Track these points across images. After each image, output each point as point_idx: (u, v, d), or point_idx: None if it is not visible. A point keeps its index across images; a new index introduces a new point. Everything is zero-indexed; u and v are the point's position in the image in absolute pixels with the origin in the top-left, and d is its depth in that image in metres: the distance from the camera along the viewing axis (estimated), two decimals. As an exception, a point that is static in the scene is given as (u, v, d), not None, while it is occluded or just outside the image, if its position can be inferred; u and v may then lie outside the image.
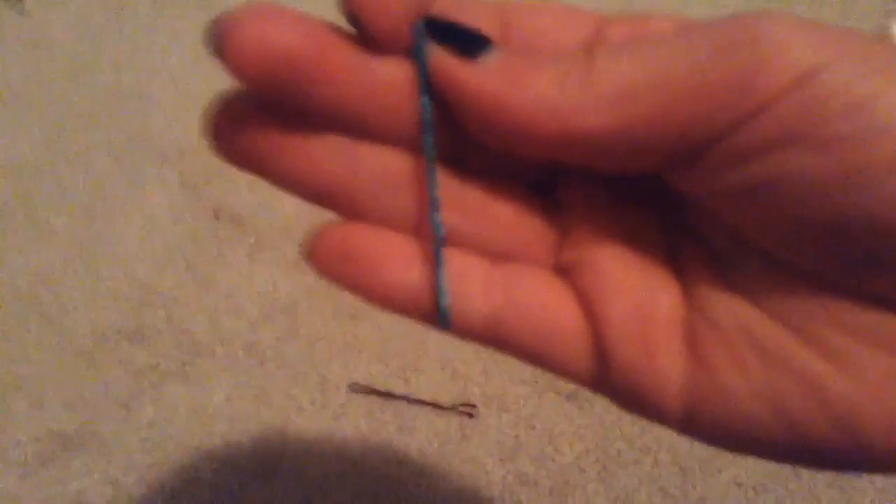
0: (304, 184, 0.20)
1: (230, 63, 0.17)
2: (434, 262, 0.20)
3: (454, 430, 0.57)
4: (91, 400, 0.59)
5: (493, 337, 0.21)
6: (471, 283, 0.20)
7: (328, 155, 0.19)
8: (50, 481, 0.56)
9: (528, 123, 0.18)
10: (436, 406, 0.58)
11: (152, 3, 0.88)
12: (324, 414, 0.58)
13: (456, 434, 0.57)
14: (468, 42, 0.18)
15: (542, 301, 0.20)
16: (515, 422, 0.57)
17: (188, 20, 0.85)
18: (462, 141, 0.20)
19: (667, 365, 0.19)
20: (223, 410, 0.59)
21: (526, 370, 0.59)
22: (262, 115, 0.19)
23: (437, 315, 0.20)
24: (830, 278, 0.17)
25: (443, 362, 0.60)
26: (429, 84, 0.19)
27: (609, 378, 0.20)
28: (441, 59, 0.18)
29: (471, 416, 0.58)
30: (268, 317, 0.63)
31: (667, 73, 0.17)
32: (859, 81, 0.15)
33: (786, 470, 0.54)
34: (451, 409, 0.58)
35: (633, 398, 0.20)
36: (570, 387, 0.58)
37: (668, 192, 0.20)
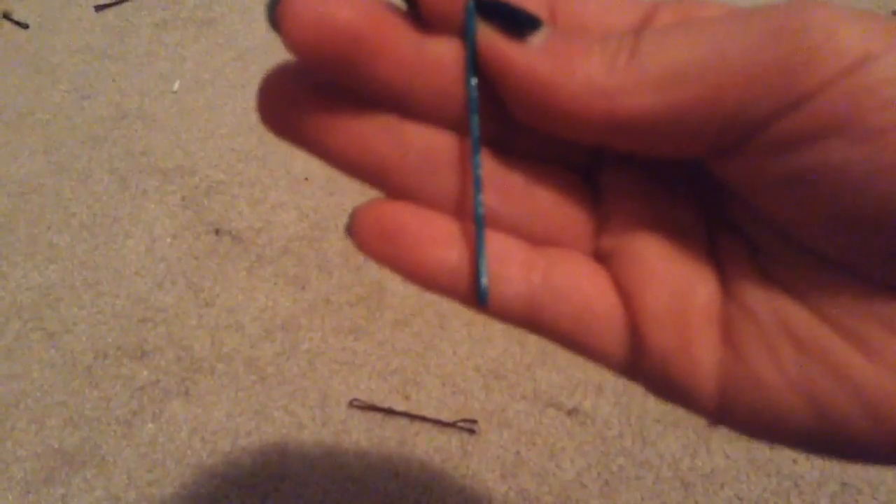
0: (351, 160, 0.20)
1: (287, 36, 0.17)
2: (474, 242, 0.20)
3: (455, 446, 0.57)
4: (92, 417, 0.59)
5: (529, 319, 0.21)
6: (510, 264, 0.20)
7: (376, 133, 0.19)
8: (51, 499, 0.55)
9: (575, 105, 0.18)
10: (436, 422, 0.58)
11: (154, 26, 0.88)
12: (324, 430, 0.58)
13: (457, 450, 0.57)
14: (517, 21, 0.18)
15: (580, 285, 0.20)
16: (516, 437, 0.57)
17: (189, 42, 0.86)
18: (507, 123, 0.20)
19: (702, 353, 0.19)
20: (224, 427, 0.59)
21: (527, 386, 0.59)
22: (313, 90, 0.19)
23: (474, 295, 0.20)
24: (868, 270, 0.17)
25: (443, 378, 0.60)
26: (477, 64, 0.19)
27: (644, 365, 0.20)
28: (489, 37, 0.18)
29: (472, 431, 0.57)
30: (268, 333, 0.63)
31: (715, 56, 0.17)
32: None
33: (787, 484, 0.54)
34: (452, 424, 0.58)
35: (668, 385, 0.20)
36: (571, 402, 0.58)
37: (709, 180, 0.20)
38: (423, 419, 0.58)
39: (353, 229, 0.20)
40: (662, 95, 0.17)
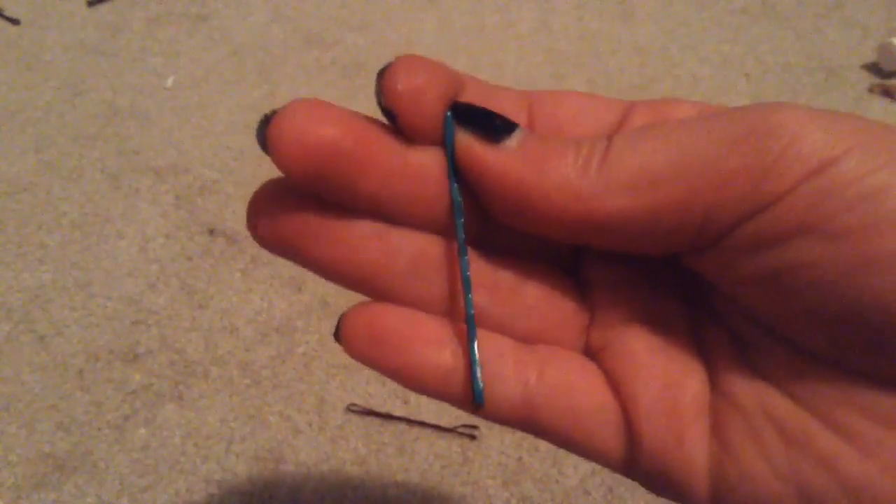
0: (341, 270, 0.20)
1: (277, 157, 0.18)
2: (466, 343, 0.20)
3: (455, 451, 0.56)
4: (83, 421, 0.58)
5: (527, 419, 0.21)
6: (503, 364, 0.21)
7: (364, 241, 0.20)
8: (39, 506, 0.54)
9: (550, 206, 0.18)
10: (436, 427, 0.57)
11: (147, 22, 0.87)
12: (321, 436, 0.57)
13: (457, 456, 0.56)
14: (492, 126, 0.19)
15: (574, 383, 0.21)
16: (518, 443, 0.56)
17: (183, 38, 0.85)
18: (491, 224, 0.20)
19: (694, 448, 0.20)
20: (218, 432, 0.58)
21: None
22: (301, 203, 0.20)
23: (469, 397, 0.20)
24: (847, 362, 0.18)
25: (443, 382, 0.59)
26: (457, 169, 0.19)
27: (640, 461, 0.20)
28: (466, 142, 0.19)
29: (472, 437, 0.57)
30: (263, 336, 0.62)
31: (683, 161, 0.17)
32: (871, 173, 0.16)
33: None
34: (452, 430, 0.57)
35: (663, 481, 0.20)
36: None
37: (690, 273, 0.20)
38: (423, 424, 0.57)
39: (343, 335, 0.21)
40: (634, 198, 0.18)
